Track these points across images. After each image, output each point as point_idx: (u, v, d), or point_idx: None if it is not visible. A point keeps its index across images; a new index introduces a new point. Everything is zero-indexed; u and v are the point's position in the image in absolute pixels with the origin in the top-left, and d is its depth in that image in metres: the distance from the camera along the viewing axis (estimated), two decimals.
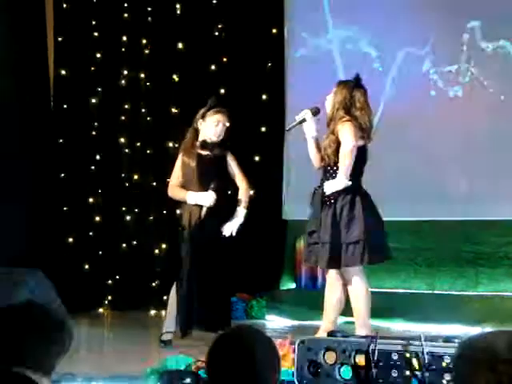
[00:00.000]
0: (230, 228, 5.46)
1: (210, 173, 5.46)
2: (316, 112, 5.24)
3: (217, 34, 8.02)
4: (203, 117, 5.51)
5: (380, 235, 5.10)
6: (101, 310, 7.91)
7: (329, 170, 5.09)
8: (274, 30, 7.94)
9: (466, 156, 7.18)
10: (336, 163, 5.04)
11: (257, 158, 7.81)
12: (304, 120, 5.22)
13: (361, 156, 5.09)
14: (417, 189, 7.32)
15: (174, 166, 5.63)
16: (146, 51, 8.11)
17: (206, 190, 5.41)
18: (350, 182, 5.01)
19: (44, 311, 1.99)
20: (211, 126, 5.49)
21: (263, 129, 7.91)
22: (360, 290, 5.06)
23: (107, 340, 6.43)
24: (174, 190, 5.57)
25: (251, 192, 5.88)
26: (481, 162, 7.14)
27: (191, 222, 5.43)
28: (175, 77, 8.04)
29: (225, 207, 5.52)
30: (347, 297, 5.15)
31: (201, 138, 5.54)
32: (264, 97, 7.87)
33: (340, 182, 4.99)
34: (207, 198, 5.38)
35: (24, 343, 1.91)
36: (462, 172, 7.19)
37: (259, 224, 7.43)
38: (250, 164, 7.37)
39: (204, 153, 5.51)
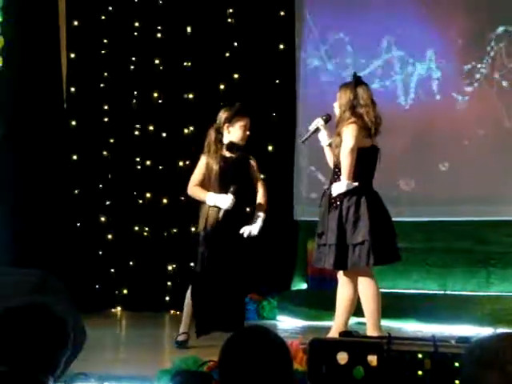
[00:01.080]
0: (249, 230, 5.48)
1: (233, 175, 5.48)
2: (327, 119, 5.30)
3: (229, 20, 8.00)
4: (230, 121, 5.51)
5: (387, 236, 5.10)
6: (114, 310, 7.93)
7: (336, 171, 5.12)
8: (282, 13, 7.91)
9: (477, 156, 7.17)
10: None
11: (270, 148, 7.81)
12: (318, 129, 5.29)
13: (367, 156, 5.11)
14: (429, 189, 7.31)
15: (197, 165, 5.63)
16: (159, 35, 8.09)
17: (226, 192, 5.43)
18: (356, 184, 5.02)
19: (44, 311, 2.00)
20: (239, 131, 5.51)
21: (274, 114, 7.88)
22: (370, 291, 5.07)
23: (120, 340, 6.45)
24: (195, 190, 5.57)
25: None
26: (492, 161, 7.13)
27: (208, 223, 5.44)
28: (188, 62, 8.03)
29: (243, 211, 5.54)
30: (358, 297, 5.16)
31: (226, 140, 5.54)
32: (277, 81, 7.82)
33: (342, 183, 5.02)
34: (226, 201, 5.40)
35: (28, 345, 1.92)
36: (473, 172, 7.18)
37: (271, 225, 7.42)
38: (261, 164, 7.38)
39: (229, 155, 5.53)
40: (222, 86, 7.93)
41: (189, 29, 8.05)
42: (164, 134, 8.06)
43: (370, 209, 5.02)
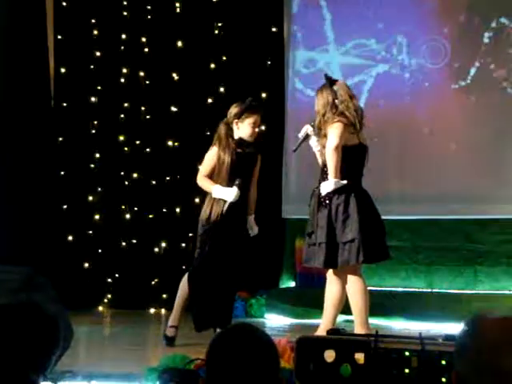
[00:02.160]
0: (254, 230, 5.60)
1: (241, 171, 5.48)
2: (315, 125, 5.27)
3: (216, 32, 8.01)
4: (239, 117, 5.50)
5: (377, 234, 5.11)
6: (100, 308, 7.91)
7: (325, 170, 5.12)
8: (274, 29, 7.94)
9: (465, 155, 7.20)
10: None
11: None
12: (308, 136, 5.27)
13: (355, 154, 5.11)
14: (417, 188, 7.33)
15: (206, 155, 5.60)
16: (146, 49, 8.11)
17: (232, 185, 5.43)
18: (344, 182, 5.03)
19: (36, 309, 1.99)
20: (248, 127, 5.49)
21: (263, 127, 7.90)
22: (358, 289, 5.08)
23: (107, 338, 6.43)
24: (203, 180, 5.55)
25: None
26: (480, 160, 7.16)
27: (212, 215, 5.44)
28: (175, 75, 8.04)
29: (247, 207, 5.56)
30: (346, 295, 5.16)
31: (236, 136, 5.52)
32: (263, 95, 7.87)
33: (330, 182, 5.02)
34: (231, 194, 5.40)
35: (19, 344, 1.91)
36: (461, 171, 7.20)
37: (259, 222, 7.42)
38: None
39: (239, 150, 5.52)
40: (209, 100, 7.91)
41: (179, 43, 8.02)
42: (148, 150, 8.04)
43: (359, 207, 5.02)
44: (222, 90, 7.89)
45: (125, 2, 8.12)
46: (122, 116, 8.10)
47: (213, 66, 7.97)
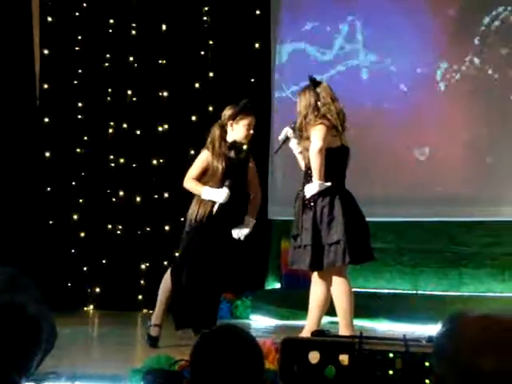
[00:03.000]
0: (238, 233, 5.52)
1: (233, 175, 5.47)
2: (295, 127, 5.27)
3: (204, 18, 7.99)
4: (234, 118, 5.49)
5: (362, 236, 5.13)
6: (86, 308, 7.89)
7: (309, 173, 5.12)
8: (258, 12, 7.93)
9: (450, 158, 7.23)
10: None
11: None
12: (287, 138, 5.27)
13: (337, 156, 5.12)
14: (401, 190, 7.36)
15: (197, 158, 5.60)
16: (133, 32, 8.08)
17: (222, 186, 5.43)
18: (329, 184, 5.04)
19: (18, 310, 1.98)
20: (243, 129, 5.50)
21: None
22: (343, 290, 5.09)
23: (92, 339, 6.42)
24: (191, 183, 5.54)
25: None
26: (465, 163, 7.20)
27: (201, 216, 5.43)
28: (162, 60, 8.02)
29: (237, 209, 5.54)
30: (331, 297, 5.17)
31: (229, 138, 5.53)
32: (252, 80, 7.84)
33: (314, 184, 5.03)
34: (222, 195, 5.40)
35: (1, 345, 1.90)
36: (445, 173, 7.23)
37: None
38: None
39: (232, 155, 5.52)
40: (196, 85, 7.92)
41: (164, 26, 8.03)
42: (138, 132, 8.04)
43: (343, 208, 5.04)
44: (211, 74, 7.89)
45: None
46: (109, 99, 8.08)
47: (202, 52, 7.96)
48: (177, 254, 5.89)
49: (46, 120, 7.98)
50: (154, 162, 7.93)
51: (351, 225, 5.04)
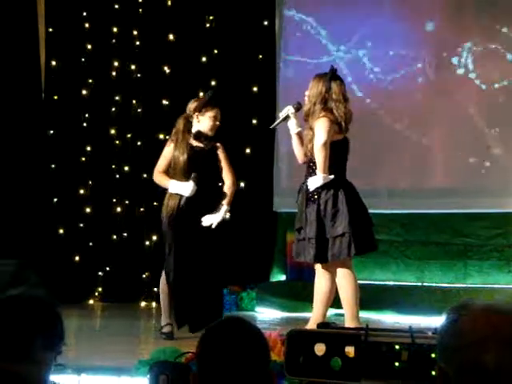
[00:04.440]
0: (209, 220, 5.46)
1: (200, 165, 5.47)
2: (298, 108, 5.26)
3: (208, 25, 8.00)
4: (200, 110, 5.49)
5: (365, 227, 5.13)
6: (91, 301, 7.91)
7: (311, 165, 5.12)
8: (266, 22, 7.93)
9: (455, 149, 7.22)
10: None
11: (248, 151, 7.81)
12: (288, 117, 5.27)
13: (339, 150, 5.11)
14: (407, 182, 7.35)
15: (162, 151, 5.62)
16: (137, 42, 8.09)
17: (188, 180, 5.42)
18: (332, 177, 5.03)
19: (35, 303, 1.99)
20: (209, 121, 5.50)
21: (254, 121, 7.91)
22: (349, 282, 5.09)
23: (97, 331, 6.43)
24: (159, 177, 5.59)
25: (237, 187, 5.86)
26: (470, 155, 7.18)
27: (169, 210, 5.45)
28: (166, 68, 8.03)
29: (209, 199, 5.51)
30: (336, 289, 5.17)
31: (195, 129, 5.53)
32: (255, 89, 7.86)
33: (318, 178, 5.03)
34: (187, 188, 5.39)
35: (16, 337, 1.91)
36: (451, 165, 7.22)
37: (250, 216, 7.44)
38: (241, 156, 7.38)
39: (196, 144, 5.52)
40: (200, 94, 7.90)
41: (170, 36, 8.00)
42: (140, 142, 8.02)
43: (347, 201, 5.03)
44: (213, 83, 7.88)
45: None
46: (114, 109, 8.08)
47: (204, 59, 7.95)
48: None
49: (51, 132, 7.97)
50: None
51: (355, 217, 5.03)
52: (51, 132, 7.97)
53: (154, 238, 7.88)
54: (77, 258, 7.94)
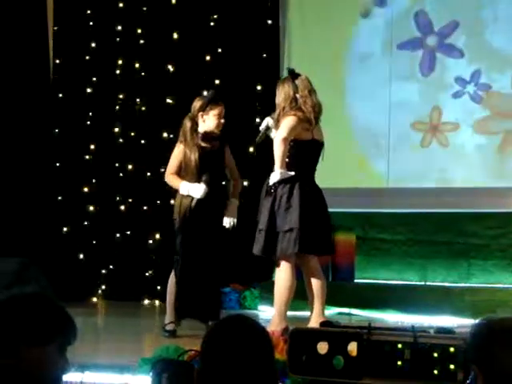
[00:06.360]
0: (229, 222, 5.54)
1: (209, 165, 5.49)
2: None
3: (212, 24, 8.00)
4: (204, 109, 5.51)
5: (319, 227, 5.14)
6: (94, 299, 7.92)
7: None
8: (270, 21, 7.92)
9: (458, 149, 7.22)
10: None
11: (251, 149, 7.81)
12: (268, 128, 5.30)
13: (306, 149, 5.15)
14: (410, 181, 7.35)
15: (172, 153, 5.63)
16: (142, 41, 8.10)
17: (200, 181, 5.44)
18: (292, 173, 5.07)
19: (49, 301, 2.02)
20: (213, 119, 5.52)
21: (258, 120, 7.90)
22: (284, 279, 5.16)
23: (100, 329, 6.44)
24: (170, 178, 5.61)
25: (244, 183, 5.91)
26: (473, 154, 7.19)
27: (182, 212, 5.48)
28: (170, 67, 8.03)
29: (217, 200, 5.55)
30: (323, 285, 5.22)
31: (201, 129, 5.55)
32: (259, 87, 7.86)
33: (276, 172, 5.08)
34: (198, 190, 5.42)
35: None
36: (454, 165, 7.23)
37: (253, 214, 7.43)
38: (244, 155, 7.38)
39: (205, 145, 5.53)
40: (204, 92, 7.90)
41: (174, 34, 8.00)
42: (144, 140, 8.03)
43: (302, 198, 5.07)
44: (217, 82, 7.88)
45: None
46: (118, 107, 8.09)
47: (208, 58, 7.96)
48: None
49: (56, 131, 7.99)
50: (162, 170, 7.93)
51: (307, 215, 5.05)
52: (56, 130, 7.98)
53: (158, 236, 7.89)
54: (81, 256, 7.95)
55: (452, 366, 3.25)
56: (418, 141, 7.34)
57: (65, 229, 7.92)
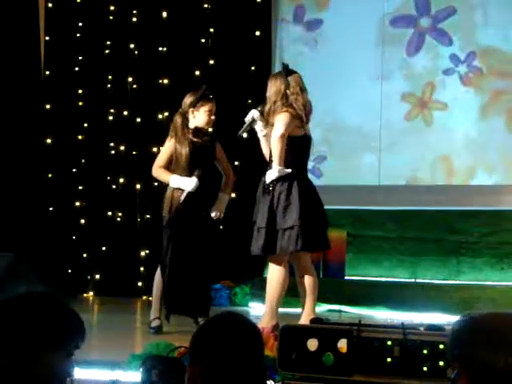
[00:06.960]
0: (216, 213, 5.56)
1: (200, 160, 5.50)
2: (263, 111, 5.28)
3: (206, 6, 7.97)
4: (194, 105, 5.52)
5: (318, 224, 5.15)
6: (86, 295, 7.91)
7: (271, 159, 5.16)
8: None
9: (449, 146, 7.25)
10: None
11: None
12: (254, 120, 5.30)
13: (299, 146, 5.16)
14: (401, 178, 7.37)
15: (163, 147, 5.65)
16: (134, 19, 8.07)
17: (191, 176, 5.44)
18: (289, 170, 5.07)
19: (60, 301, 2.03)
20: (204, 115, 5.53)
21: (249, 101, 7.86)
22: (277, 277, 5.16)
23: (91, 325, 6.43)
24: (159, 172, 5.61)
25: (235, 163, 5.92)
26: (463, 152, 7.21)
27: (172, 206, 5.47)
28: (164, 48, 8.00)
29: (208, 195, 5.56)
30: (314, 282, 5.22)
31: (192, 125, 5.55)
32: (252, 68, 7.83)
33: (274, 170, 5.07)
34: (190, 183, 5.42)
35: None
36: (444, 162, 7.25)
37: (243, 211, 7.43)
38: (235, 150, 7.37)
39: (196, 140, 5.54)
40: (197, 72, 7.90)
41: (164, 14, 8.01)
42: (138, 120, 8.03)
43: (301, 195, 5.07)
44: (211, 62, 7.88)
45: None
46: (109, 86, 8.08)
47: (203, 40, 7.95)
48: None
49: (48, 107, 8.00)
50: (154, 149, 7.93)
51: (307, 212, 5.06)
52: (48, 106, 7.99)
53: (148, 216, 7.88)
54: (73, 251, 7.94)
55: (442, 363, 3.26)
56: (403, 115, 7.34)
57: (56, 225, 7.91)
